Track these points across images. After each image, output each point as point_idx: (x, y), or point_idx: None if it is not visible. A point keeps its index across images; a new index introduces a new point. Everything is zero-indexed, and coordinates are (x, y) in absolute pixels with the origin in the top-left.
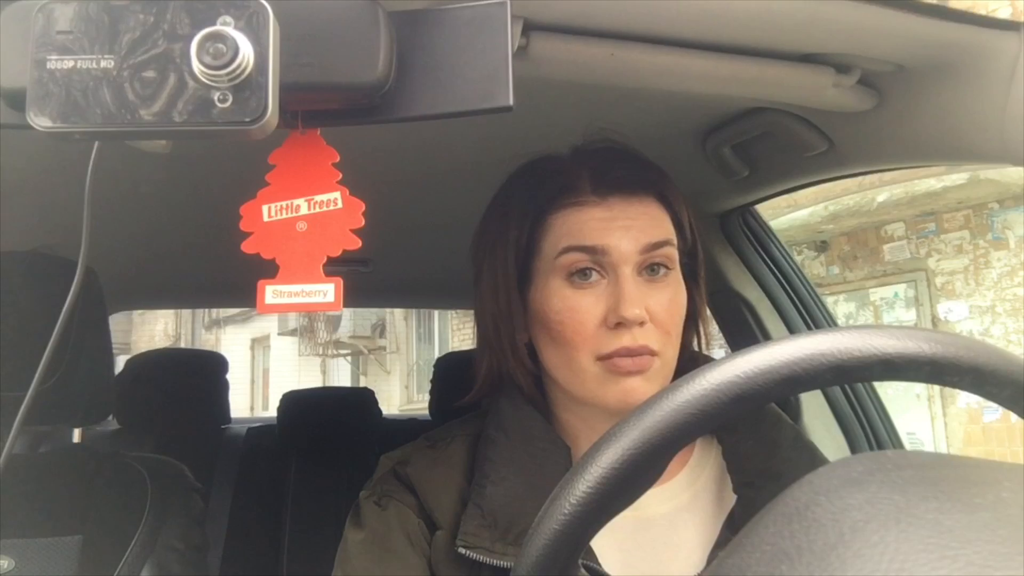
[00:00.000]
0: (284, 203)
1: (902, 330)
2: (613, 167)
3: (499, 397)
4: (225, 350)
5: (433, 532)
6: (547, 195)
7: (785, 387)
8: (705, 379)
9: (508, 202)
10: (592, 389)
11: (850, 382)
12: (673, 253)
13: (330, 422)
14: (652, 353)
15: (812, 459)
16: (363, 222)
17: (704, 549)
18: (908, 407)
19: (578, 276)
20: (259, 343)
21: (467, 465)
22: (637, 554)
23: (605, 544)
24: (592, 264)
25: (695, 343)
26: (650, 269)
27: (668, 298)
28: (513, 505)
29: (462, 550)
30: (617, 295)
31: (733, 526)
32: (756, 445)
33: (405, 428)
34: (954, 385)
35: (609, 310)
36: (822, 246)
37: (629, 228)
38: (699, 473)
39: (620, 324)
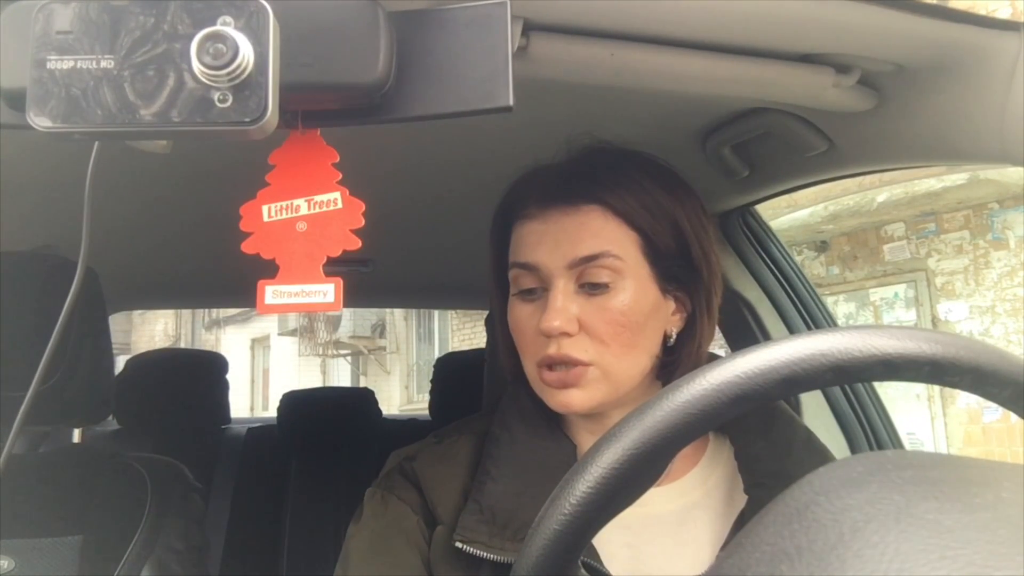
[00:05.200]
0: (284, 203)
1: (902, 330)
2: (556, 178)
3: (506, 396)
4: (225, 350)
5: (433, 529)
6: (506, 209)
7: (785, 387)
8: (705, 379)
9: (492, 216)
10: (541, 394)
11: (850, 382)
12: (615, 263)
13: (330, 422)
14: (578, 363)
15: (823, 462)
16: (363, 222)
17: (713, 547)
18: (908, 407)
19: (525, 292)
20: (259, 343)
21: (472, 462)
22: (645, 551)
23: (612, 540)
24: (532, 279)
25: (698, 346)
26: (587, 284)
27: (605, 310)
28: (512, 501)
29: (459, 544)
30: (545, 307)
31: (743, 527)
32: (768, 446)
33: (405, 428)
34: (954, 385)
35: (539, 321)
36: (822, 246)
37: (559, 243)
38: (710, 472)
39: (546, 334)
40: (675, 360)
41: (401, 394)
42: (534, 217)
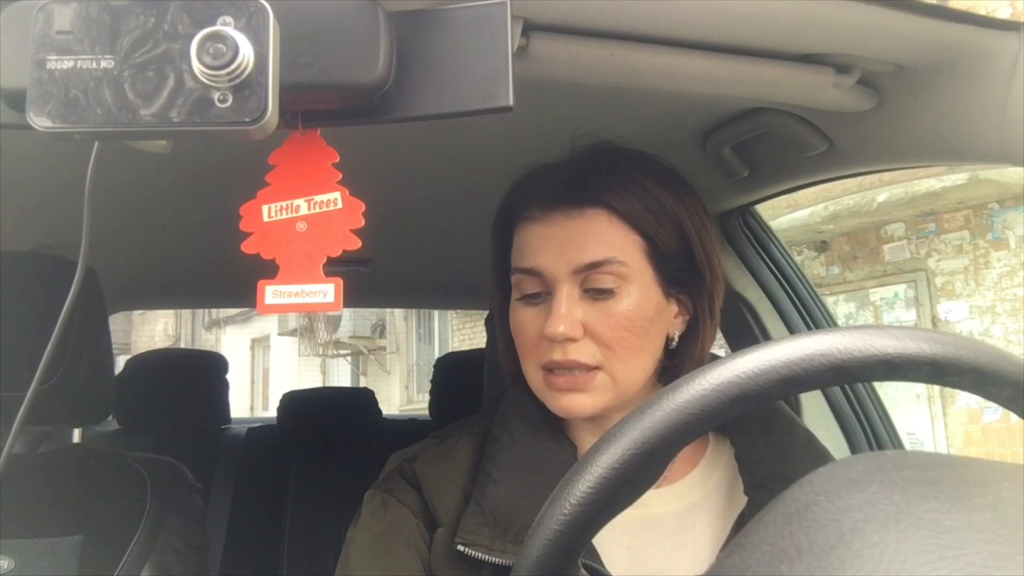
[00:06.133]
0: (284, 203)
1: (902, 330)
2: (559, 180)
3: (506, 397)
4: (225, 350)
5: (433, 531)
6: (508, 210)
7: (785, 387)
8: (705, 379)
9: (494, 216)
10: (544, 398)
11: (850, 382)
12: (620, 269)
13: (330, 422)
14: (586, 367)
15: (824, 464)
16: (363, 222)
17: (714, 549)
18: (908, 407)
19: (528, 296)
20: (259, 343)
21: (472, 464)
22: (645, 552)
23: (612, 542)
24: (535, 283)
25: (700, 348)
26: (592, 290)
27: (610, 315)
28: (513, 504)
29: (460, 547)
30: (549, 312)
31: (743, 528)
32: (768, 448)
33: (405, 428)
34: (954, 385)
35: (543, 325)
36: (822, 246)
37: (563, 248)
38: (710, 473)
39: (550, 339)
40: (678, 363)
41: (401, 394)
42: (538, 220)
